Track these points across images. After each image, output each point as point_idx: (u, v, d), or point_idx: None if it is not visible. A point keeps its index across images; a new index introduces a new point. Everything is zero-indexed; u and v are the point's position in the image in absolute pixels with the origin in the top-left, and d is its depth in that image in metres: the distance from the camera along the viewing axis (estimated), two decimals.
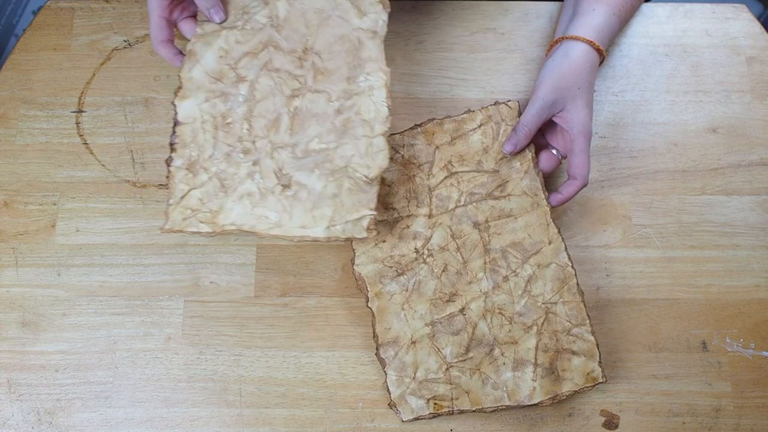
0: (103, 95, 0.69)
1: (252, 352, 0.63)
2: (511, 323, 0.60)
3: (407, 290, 0.61)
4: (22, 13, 1.29)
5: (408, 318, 0.61)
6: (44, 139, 0.68)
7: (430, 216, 0.63)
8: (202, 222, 0.59)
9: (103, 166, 0.67)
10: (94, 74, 0.70)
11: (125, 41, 0.70)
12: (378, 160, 0.59)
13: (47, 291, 0.64)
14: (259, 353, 0.63)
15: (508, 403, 0.59)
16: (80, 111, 0.68)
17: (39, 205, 0.66)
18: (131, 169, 0.67)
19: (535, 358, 0.60)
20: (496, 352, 0.60)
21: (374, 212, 0.59)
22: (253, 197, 0.59)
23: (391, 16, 0.60)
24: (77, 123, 0.68)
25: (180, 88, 0.61)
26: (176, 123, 0.61)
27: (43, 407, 0.61)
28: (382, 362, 0.60)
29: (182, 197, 0.59)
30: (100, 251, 0.65)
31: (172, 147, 0.61)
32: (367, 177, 0.59)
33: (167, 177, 0.60)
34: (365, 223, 0.59)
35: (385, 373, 0.60)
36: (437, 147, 0.64)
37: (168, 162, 0.61)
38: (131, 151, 0.67)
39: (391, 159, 0.62)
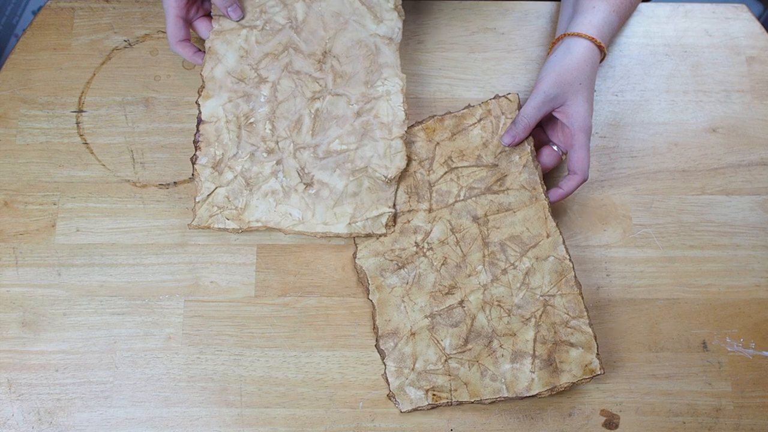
0: (103, 95, 0.69)
1: (252, 352, 0.63)
2: (509, 315, 0.61)
3: (407, 283, 0.62)
4: (22, 13, 1.29)
5: (408, 310, 0.62)
6: (44, 138, 0.68)
7: (430, 210, 0.64)
8: (228, 219, 0.62)
9: (103, 166, 0.67)
10: (94, 74, 0.70)
11: (125, 41, 0.71)
12: (396, 161, 0.63)
13: (47, 291, 0.64)
14: (259, 353, 0.63)
15: (506, 395, 0.60)
16: (80, 111, 0.69)
17: (39, 205, 0.66)
18: (131, 169, 0.67)
19: (534, 350, 0.61)
20: (495, 344, 0.61)
21: (393, 210, 0.62)
22: (277, 195, 0.62)
23: None
24: (77, 123, 0.68)
25: (203, 87, 0.64)
26: (200, 122, 0.64)
27: (43, 407, 0.61)
28: (382, 353, 0.62)
29: (209, 195, 0.62)
30: (100, 251, 0.65)
31: (196, 145, 0.63)
32: (385, 177, 0.63)
33: (192, 174, 0.63)
34: (384, 219, 0.63)
35: (384, 365, 0.61)
36: (437, 143, 0.65)
37: (193, 160, 0.63)
38: (131, 151, 0.68)
39: (408, 160, 0.65)
